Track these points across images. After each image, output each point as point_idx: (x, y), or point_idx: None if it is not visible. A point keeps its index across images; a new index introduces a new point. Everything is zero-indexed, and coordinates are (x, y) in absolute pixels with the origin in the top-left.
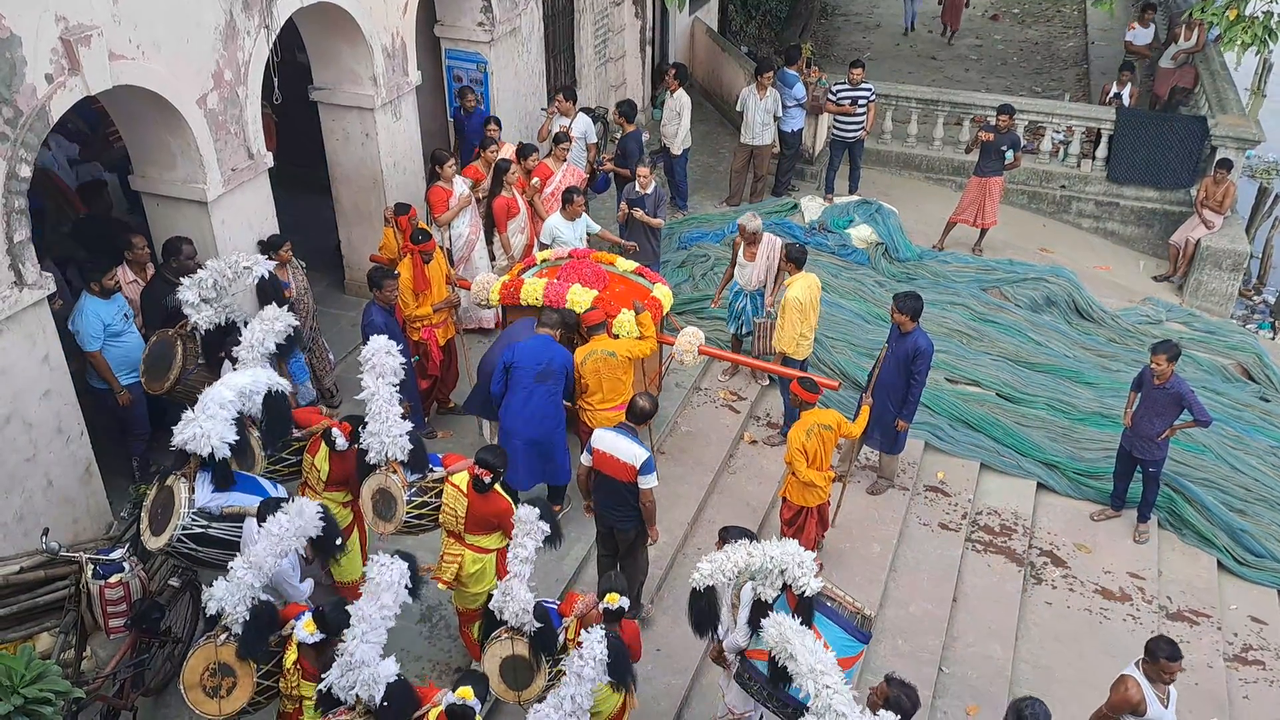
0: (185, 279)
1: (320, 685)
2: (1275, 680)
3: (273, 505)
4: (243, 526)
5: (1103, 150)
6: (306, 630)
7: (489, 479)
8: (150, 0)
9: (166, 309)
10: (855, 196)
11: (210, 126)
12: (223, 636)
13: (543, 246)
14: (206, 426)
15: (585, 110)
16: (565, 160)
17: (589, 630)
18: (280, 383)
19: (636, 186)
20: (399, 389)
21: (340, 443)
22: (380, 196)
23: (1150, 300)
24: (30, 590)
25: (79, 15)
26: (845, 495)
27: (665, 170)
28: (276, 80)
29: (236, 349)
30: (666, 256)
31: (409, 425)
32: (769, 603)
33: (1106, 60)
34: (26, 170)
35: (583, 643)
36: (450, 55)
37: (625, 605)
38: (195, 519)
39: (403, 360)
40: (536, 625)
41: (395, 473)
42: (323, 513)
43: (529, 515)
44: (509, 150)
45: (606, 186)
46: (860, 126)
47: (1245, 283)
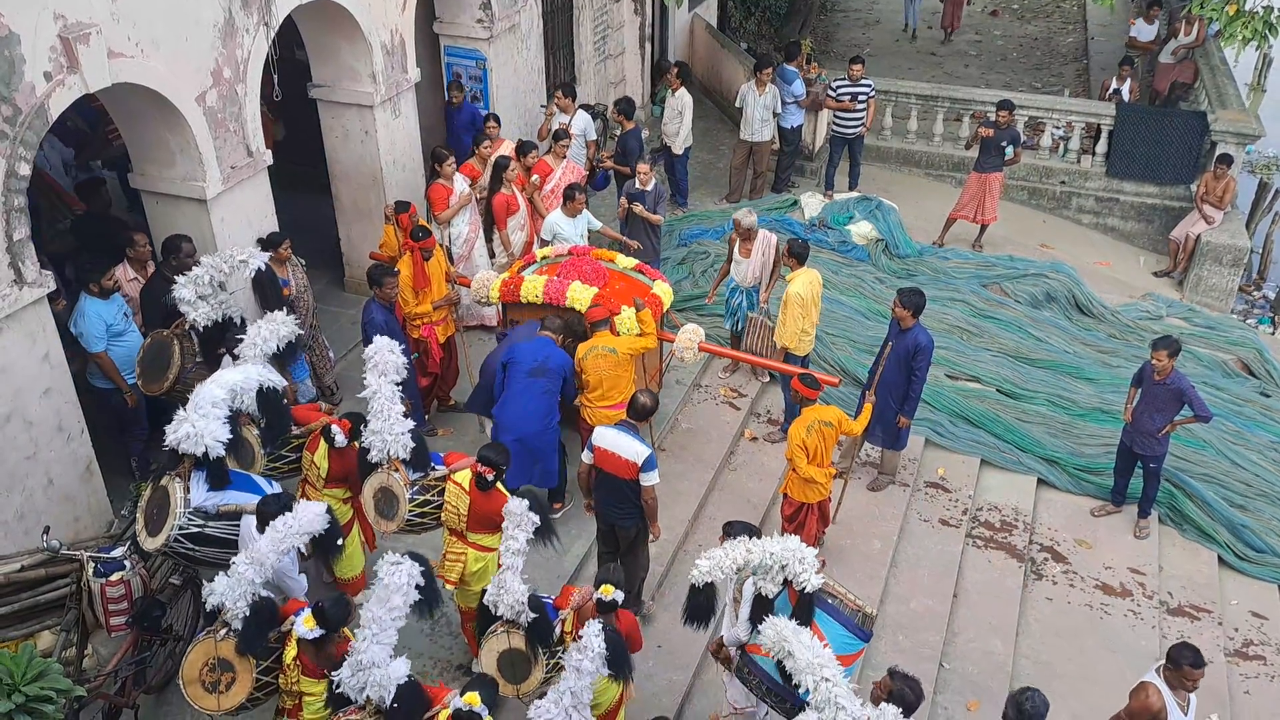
0: (181, 277)
1: (332, 684)
2: (1276, 675)
3: (272, 502)
4: (240, 525)
5: (1103, 146)
6: (306, 626)
7: (491, 476)
8: None
9: (166, 307)
10: (855, 193)
11: (209, 124)
12: (222, 632)
13: (543, 243)
14: (199, 425)
15: (585, 107)
16: (565, 157)
17: (587, 624)
18: (273, 379)
19: (636, 183)
20: (400, 387)
21: (339, 439)
22: (380, 194)
23: (1150, 296)
24: (31, 588)
25: (77, 13)
26: (846, 492)
27: (666, 168)
28: (276, 78)
29: (239, 347)
30: (667, 253)
31: (411, 423)
32: (770, 598)
33: (1106, 56)
34: (26, 168)
35: (581, 636)
36: (449, 52)
37: (620, 598)
38: (192, 518)
39: (405, 360)
40: (531, 616)
41: (397, 471)
42: (329, 512)
43: (519, 507)
44: (508, 147)
45: (606, 184)
46: (860, 123)
47: (1245, 278)
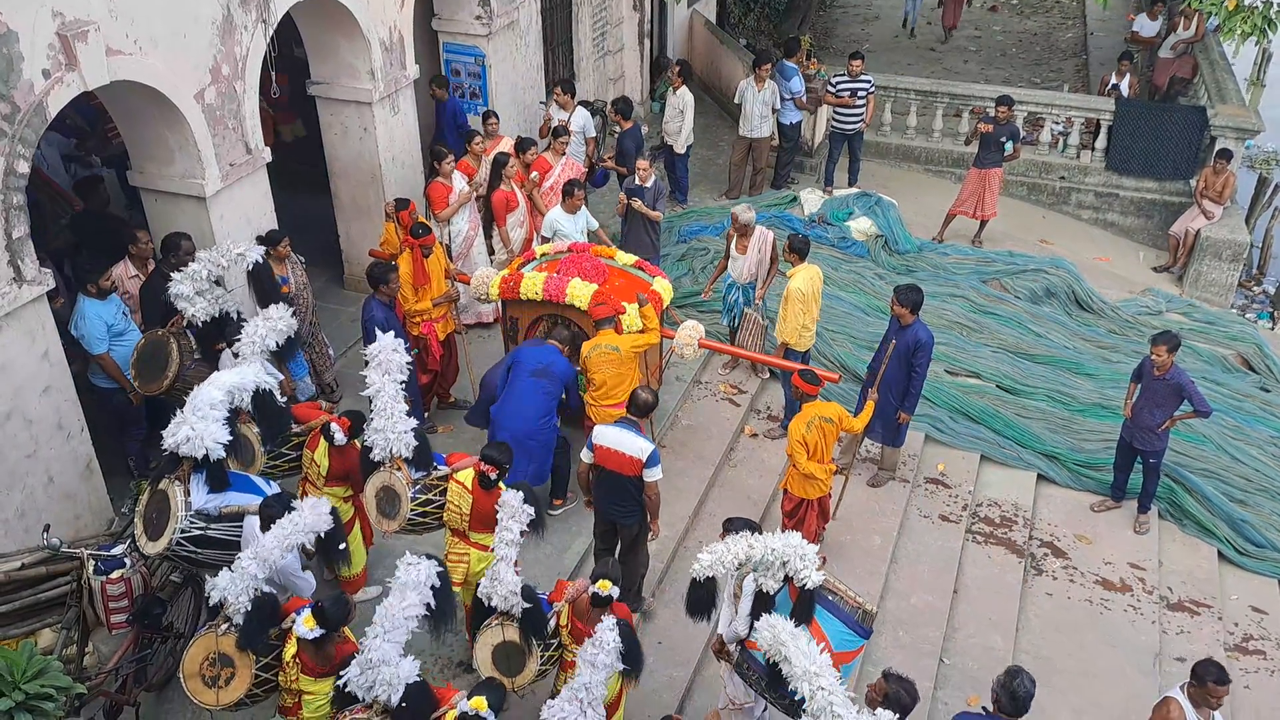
0: (177, 273)
1: (339, 682)
2: (1276, 670)
3: (275, 503)
4: (242, 526)
5: (1102, 141)
6: (306, 626)
7: (495, 475)
8: None
9: (166, 305)
10: (854, 189)
11: (208, 122)
12: (224, 626)
13: (544, 240)
14: (199, 428)
15: (584, 104)
16: (564, 154)
17: (602, 620)
18: (269, 380)
19: (636, 179)
20: (402, 386)
21: (339, 437)
22: (379, 191)
23: (1150, 291)
24: (32, 586)
25: (75, 11)
26: (846, 488)
27: (666, 165)
28: (274, 75)
29: (237, 345)
30: (666, 250)
31: (414, 422)
32: (771, 594)
33: (1105, 51)
34: (24, 166)
35: (595, 632)
36: (448, 49)
37: (616, 594)
38: (193, 521)
39: (408, 358)
40: (525, 606)
41: (400, 470)
42: (333, 514)
43: (512, 499)
44: (507, 144)
45: (605, 181)
46: (859, 119)
47: (1245, 273)
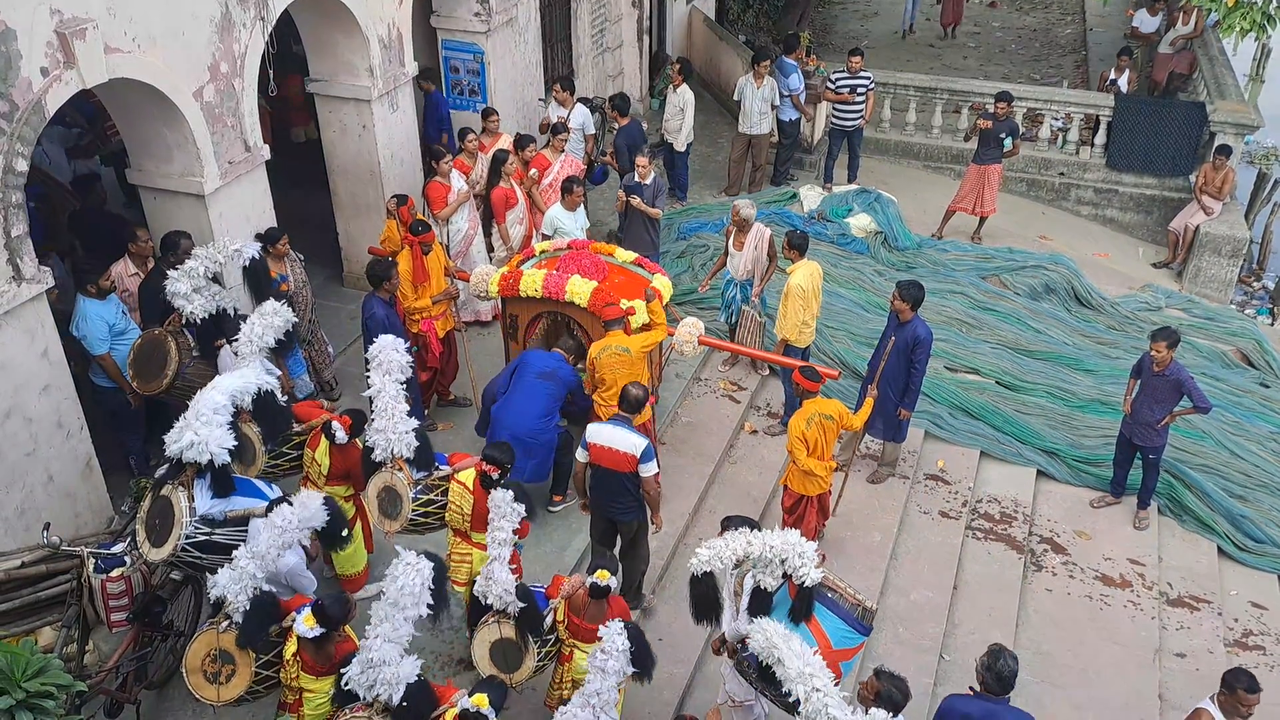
0: (173, 271)
1: (341, 681)
2: (1276, 665)
3: (281, 504)
4: (247, 530)
5: (1101, 137)
6: (306, 625)
7: (496, 475)
8: None
9: (165, 303)
10: (854, 185)
11: (207, 119)
12: (224, 624)
13: (544, 238)
14: (203, 434)
15: (583, 100)
16: (563, 151)
17: (609, 624)
18: (270, 381)
19: (635, 176)
20: (404, 385)
21: (340, 436)
22: (378, 188)
23: (1149, 287)
24: (32, 585)
25: (73, 8)
26: (846, 484)
27: (665, 163)
28: (272, 72)
29: (236, 344)
30: (666, 247)
31: (415, 422)
32: (770, 591)
33: (1105, 47)
34: (23, 164)
35: (603, 638)
36: (447, 46)
37: (614, 584)
38: (199, 527)
39: (409, 358)
40: (520, 605)
41: (401, 470)
42: (328, 504)
43: (503, 498)
44: (506, 141)
45: (604, 178)
46: (859, 115)
47: (1244, 269)
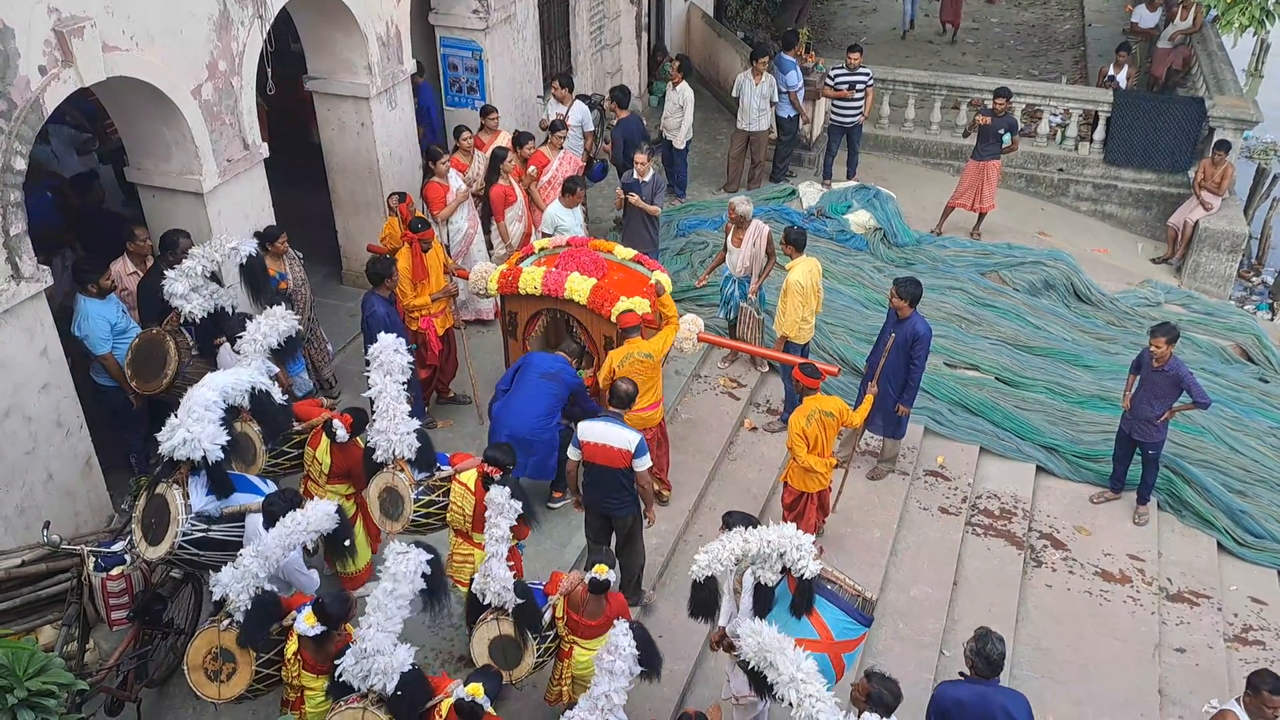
0: (171, 271)
1: (335, 673)
2: (1276, 660)
3: (278, 499)
4: (244, 526)
5: (1100, 133)
6: (307, 623)
7: (498, 476)
8: None
9: (164, 302)
10: (853, 182)
11: (205, 117)
12: (225, 622)
13: (544, 236)
14: (195, 430)
15: (582, 97)
16: (561, 148)
17: (615, 624)
18: (264, 380)
19: (634, 173)
20: (405, 385)
21: (341, 434)
22: (377, 186)
23: (1149, 282)
24: (32, 583)
25: (71, 7)
26: (846, 481)
27: (664, 160)
28: (270, 70)
29: (239, 344)
30: (665, 244)
31: (416, 423)
32: (771, 587)
33: (1104, 42)
34: (21, 163)
35: (609, 637)
36: (445, 43)
37: (613, 579)
38: (195, 524)
39: (410, 359)
40: (518, 601)
41: (402, 471)
42: (340, 514)
43: (500, 495)
44: (505, 138)
45: (604, 175)
46: (858, 111)
47: (1244, 264)
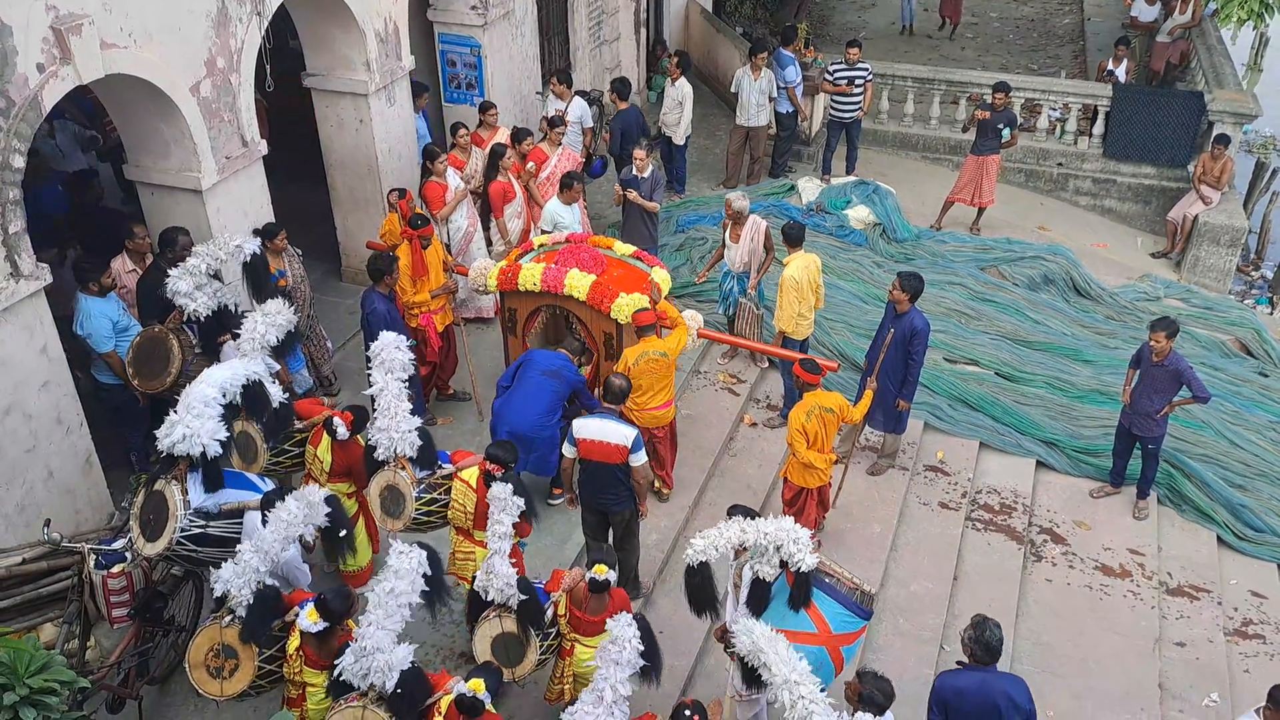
0: (175, 269)
1: (334, 672)
2: (1276, 654)
3: (277, 496)
4: (242, 523)
5: (1099, 127)
6: (309, 619)
7: (500, 474)
8: None
9: (163, 300)
10: (852, 177)
11: (204, 114)
12: (227, 618)
13: (543, 233)
14: (194, 426)
15: (581, 93)
16: (560, 144)
17: (616, 617)
18: (260, 374)
19: (633, 169)
20: (406, 383)
21: (342, 432)
22: (376, 182)
23: (1148, 277)
24: (33, 581)
25: (69, 4)
26: (845, 476)
27: (663, 156)
28: (269, 67)
29: (238, 341)
30: (664, 240)
31: (418, 421)
32: (768, 581)
33: (1103, 36)
34: (20, 161)
35: (611, 629)
36: (444, 39)
37: (613, 578)
38: (193, 520)
39: (412, 357)
40: (521, 598)
41: (404, 469)
42: (331, 502)
43: (502, 492)
44: (504, 135)
45: (603, 171)
46: (857, 107)
47: (1243, 258)
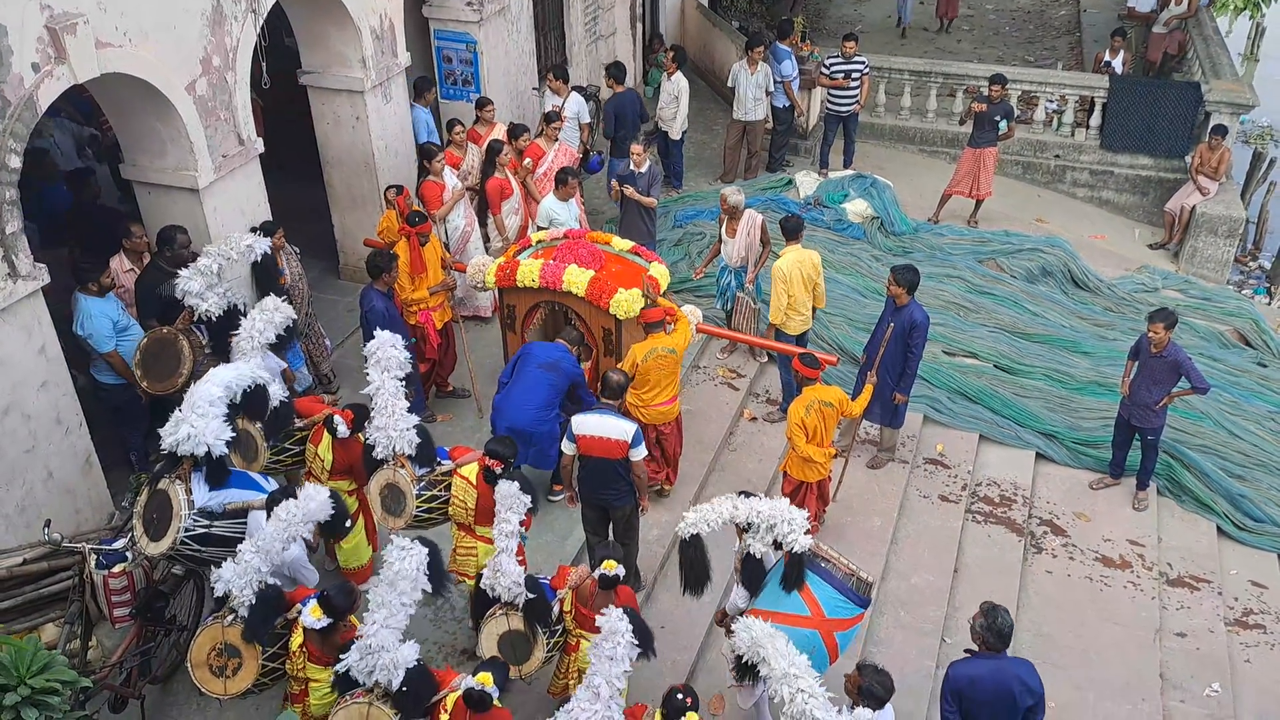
0: (184, 269)
1: (338, 667)
2: (1276, 644)
3: (280, 497)
4: (246, 522)
5: (1096, 118)
6: (313, 616)
7: (500, 470)
8: None
9: (161, 299)
10: (850, 171)
11: (200, 113)
12: (229, 618)
13: (540, 230)
14: (199, 426)
15: (577, 89)
16: (556, 140)
17: (609, 611)
18: (264, 376)
19: (630, 164)
20: (404, 381)
21: (342, 430)
22: (372, 180)
23: (1146, 268)
24: (34, 581)
25: (64, 4)
26: (845, 470)
27: (660, 151)
28: (265, 65)
29: (237, 339)
30: (662, 235)
31: (416, 419)
32: (759, 558)
33: (1099, 28)
34: (15, 160)
35: (603, 625)
36: (439, 36)
37: (622, 573)
38: (197, 520)
39: (409, 355)
40: (528, 596)
41: (403, 467)
42: (333, 497)
43: (509, 489)
44: (500, 131)
45: (600, 167)
46: (854, 100)
47: (1241, 249)
